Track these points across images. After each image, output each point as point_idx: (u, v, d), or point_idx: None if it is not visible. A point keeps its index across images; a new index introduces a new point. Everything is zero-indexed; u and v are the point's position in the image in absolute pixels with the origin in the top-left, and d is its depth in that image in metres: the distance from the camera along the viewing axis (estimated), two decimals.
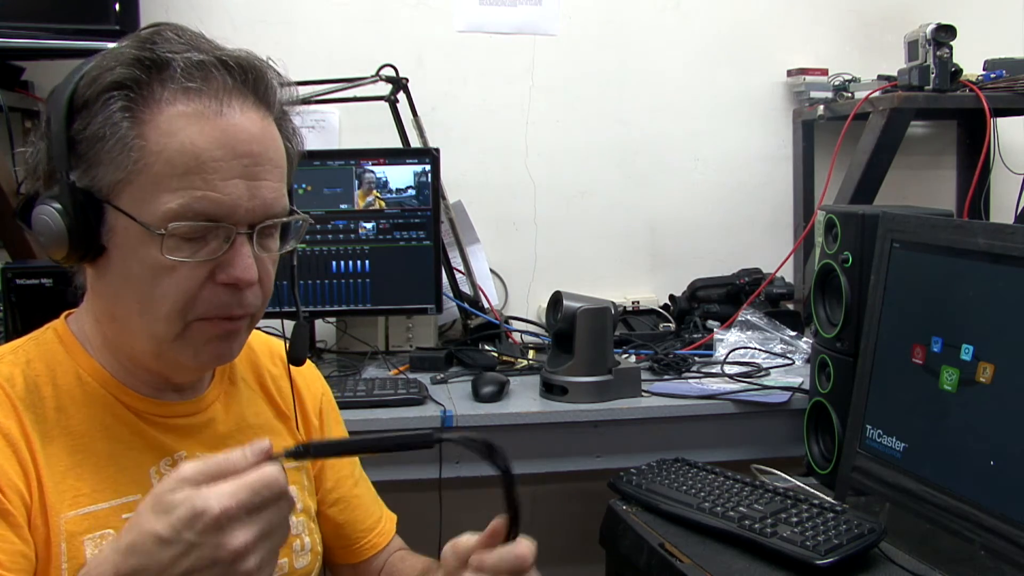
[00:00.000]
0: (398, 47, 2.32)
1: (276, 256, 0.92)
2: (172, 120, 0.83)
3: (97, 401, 0.91)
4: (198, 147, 0.83)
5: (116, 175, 0.84)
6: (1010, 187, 2.47)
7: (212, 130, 0.83)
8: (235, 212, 0.84)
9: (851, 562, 1.22)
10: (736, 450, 1.85)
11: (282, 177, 0.90)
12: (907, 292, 1.41)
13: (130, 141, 0.83)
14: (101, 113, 0.83)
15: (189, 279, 0.84)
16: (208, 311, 0.86)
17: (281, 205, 0.89)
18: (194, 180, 0.82)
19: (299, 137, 0.97)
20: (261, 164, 0.86)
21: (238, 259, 0.85)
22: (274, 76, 0.91)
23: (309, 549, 1.03)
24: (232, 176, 0.84)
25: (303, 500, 1.05)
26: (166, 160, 0.82)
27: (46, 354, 0.92)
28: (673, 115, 2.50)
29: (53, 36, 1.84)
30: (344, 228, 2.08)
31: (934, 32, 2.12)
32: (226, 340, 0.89)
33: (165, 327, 0.86)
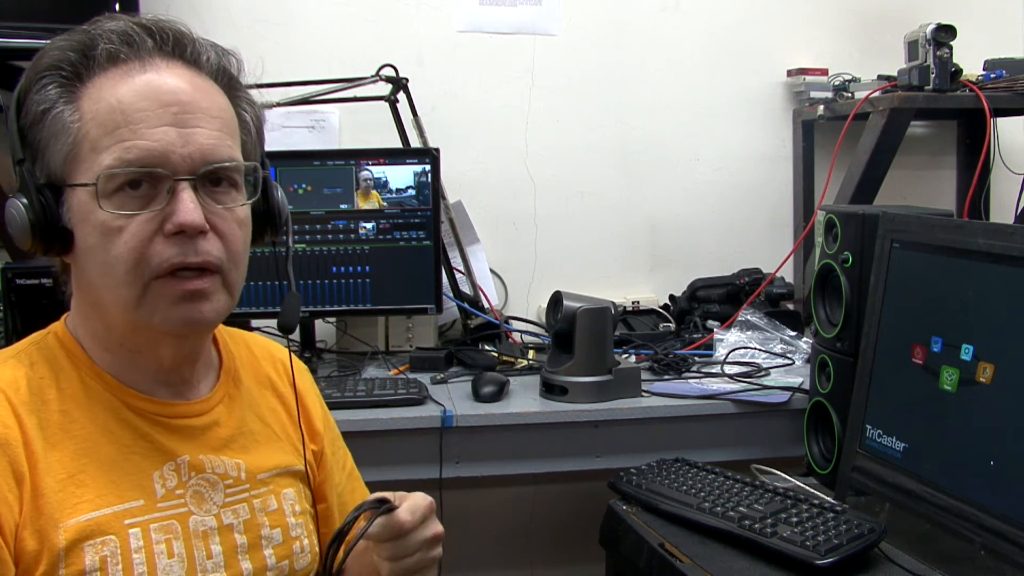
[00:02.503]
0: (398, 47, 2.32)
1: (239, 213, 0.92)
2: (101, 88, 0.87)
3: (101, 404, 0.91)
4: (123, 102, 0.85)
5: (62, 152, 0.87)
6: (1010, 187, 2.47)
7: (136, 84, 0.86)
8: (168, 159, 0.86)
9: (851, 562, 1.22)
10: (736, 450, 1.85)
11: (225, 129, 0.91)
12: (907, 292, 1.41)
13: (68, 117, 0.86)
14: (38, 95, 0.87)
15: (137, 235, 0.85)
16: (161, 265, 0.86)
17: (225, 153, 0.89)
18: (123, 132, 0.85)
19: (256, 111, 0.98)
20: (192, 112, 0.87)
21: (180, 205, 0.86)
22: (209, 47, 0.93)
23: (308, 551, 1.03)
24: (160, 124, 0.86)
25: (301, 504, 1.04)
26: (99, 123, 0.85)
27: (49, 358, 0.92)
28: (673, 115, 2.50)
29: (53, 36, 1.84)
30: (344, 228, 2.07)
31: (934, 32, 2.12)
32: (192, 301, 0.88)
33: (125, 291, 0.87)
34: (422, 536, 0.94)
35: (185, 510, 0.91)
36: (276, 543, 0.99)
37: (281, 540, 1.00)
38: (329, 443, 1.15)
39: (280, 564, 0.99)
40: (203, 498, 0.93)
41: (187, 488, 0.93)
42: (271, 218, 1.01)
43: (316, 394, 1.17)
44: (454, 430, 1.74)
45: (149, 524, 0.88)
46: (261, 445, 1.03)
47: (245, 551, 0.95)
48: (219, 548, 0.93)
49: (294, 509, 1.02)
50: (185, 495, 0.92)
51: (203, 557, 0.91)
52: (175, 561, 0.89)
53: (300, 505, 1.04)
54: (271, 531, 0.99)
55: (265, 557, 0.97)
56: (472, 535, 2.39)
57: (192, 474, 0.93)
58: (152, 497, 0.90)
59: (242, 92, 0.96)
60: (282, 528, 1.00)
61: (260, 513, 0.99)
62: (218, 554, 0.93)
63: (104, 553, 0.85)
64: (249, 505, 0.98)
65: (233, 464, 0.98)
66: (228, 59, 0.95)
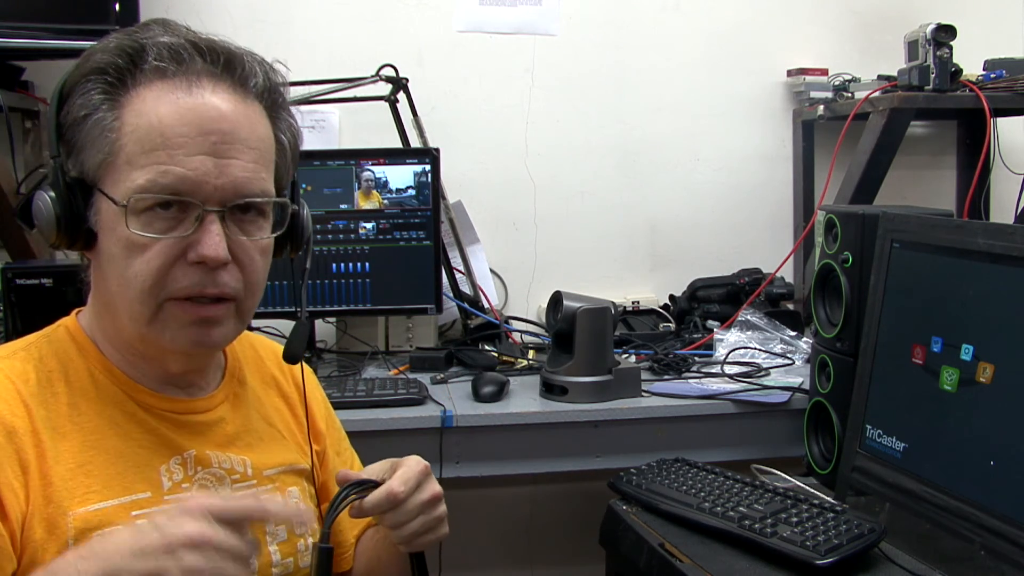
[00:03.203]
0: (398, 47, 2.32)
1: (263, 243, 0.92)
2: (145, 101, 0.86)
3: (109, 398, 0.92)
4: (164, 124, 0.85)
5: (98, 157, 0.87)
6: (1010, 187, 2.47)
7: (179, 107, 0.86)
8: (201, 188, 0.86)
9: (851, 562, 1.22)
10: (736, 450, 1.85)
11: (261, 160, 0.91)
12: (907, 292, 1.41)
13: (108, 123, 0.86)
14: (81, 98, 0.87)
15: (159, 257, 0.86)
16: (178, 291, 0.87)
17: (258, 187, 0.90)
18: (160, 155, 0.85)
19: (294, 133, 0.98)
20: (231, 143, 0.87)
21: (206, 237, 0.86)
22: (257, 65, 0.92)
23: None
24: (198, 152, 0.86)
25: (306, 502, 1.05)
26: (137, 139, 0.85)
27: (59, 351, 0.93)
28: (673, 115, 2.50)
29: (53, 36, 1.84)
30: (344, 228, 2.07)
31: (934, 32, 2.12)
32: (203, 326, 0.89)
33: (139, 307, 0.87)
34: (419, 500, 0.94)
35: None
36: (281, 540, 1.00)
37: (286, 537, 1.00)
38: (333, 443, 1.16)
39: (285, 561, 0.99)
40: (209, 492, 0.94)
41: (193, 482, 0.94)
42: (294, 238, 1.01)
43: (321, 395, 1.18)
44: (454, 430, 1.74)
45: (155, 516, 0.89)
46: (266, 443, 1.03)
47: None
48: None
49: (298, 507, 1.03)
50: (191, 488, 0.93)
51: None
52: None
53: (305, 503, 1.05)
54: (276, 528, 1.00)
55: (270, 554, 0.98)
56: (472, 535, 2.39)
57: (199, 468, 0.95)
58: (159, 489, 0.91)
59: (284, 111, 0.96)
60: (287, 526, 1.01)
61: None
62: None
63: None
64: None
65: (240, 460, 0.99)
66: (275, 78, 0.94)
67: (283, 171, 0.97)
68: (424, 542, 0.97)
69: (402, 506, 0.93)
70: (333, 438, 1.17)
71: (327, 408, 1.18)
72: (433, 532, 0.97)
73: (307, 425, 1.09)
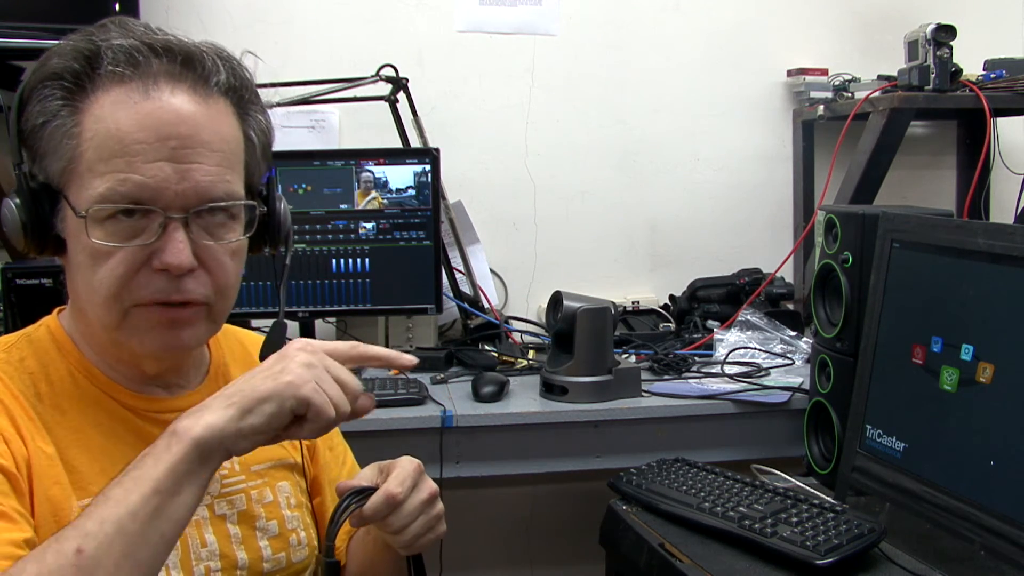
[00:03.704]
0: (398, 47, 2.32)
1: (233, 246, 0.91)
2: (103, 106, 0.85)
3: (90, 398, 0.92)
4: (122, 130, 0.84)
5: (60, 164, 0.86)
6: (1010, 187, 2.47)
7: (137, 113, 0.84)
8: (162, 195, 0.84)
9: (851, 562, 1.22)
10: (736, 450, 1.85)
11: (225, 162, 0.89)
12: (907, 292, 1.41)
13: (68, 129, 0.85)
14: (40, 104, 0.86)
15: (123, 264, 0.85)
16: (143, 297, 0.86)
17: (222, 190, 0.88)
18: (118, 163, 0.84)
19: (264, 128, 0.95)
20: (191, 146, 0.85)
21: (169, 245, 0.85)
22: (220, 62, 0.90)
23: (306, 544, 1.03)
24: (157, 158, 0.84)
25: (296, 497, 1.05)
26: (96, 146, 0.84)
27: (39, 351, 0.93)
28: (673, 115, 2.50)
29: (53, 36, 1.84)
30: (344, 228, 2.07)
31: (934, 32, 2.12)
32: (171, 328, 0.88)
33: (105, 313, 0.87)
34: (417, 500, 0.93)
35: None
36: (272, 535, 1.00)
37: (277, 532, 1.00)
38: (326, 439, 1.15)
39: (277, 556, 0.99)
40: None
41: None
42: (271, 232, 1.00)
43: None
44: (454, 430, 1.74)
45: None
46: None
47: (240, 541, 0.96)
48: (213, 538, 0.94)
49: (289, 502, 1.03)
50: None
51: (197, 546, 0.92)
52: None
53: (296, 498, 1.05)
54: (267, 523, 0.99)
55: (260, 548, 0.98)
56: (472, 535, 2.39)
57: None
58: None
59: (253, 107, 0.94)
60: (278, 520, 1.01)
61: (257, 504, 0.99)
62: (212, 543, 0.94)
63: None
64: (246, 496, 0.99)
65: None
66: (241, 73, 0.92)
67: (254, 169, 0.95)
68: (424, 543, 0.96)
69: (402, 508, 0.92)
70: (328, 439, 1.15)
71: None
72: (433, 532, 0.96)
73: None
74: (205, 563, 0.93)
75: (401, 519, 0.92)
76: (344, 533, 1.12)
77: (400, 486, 0.92)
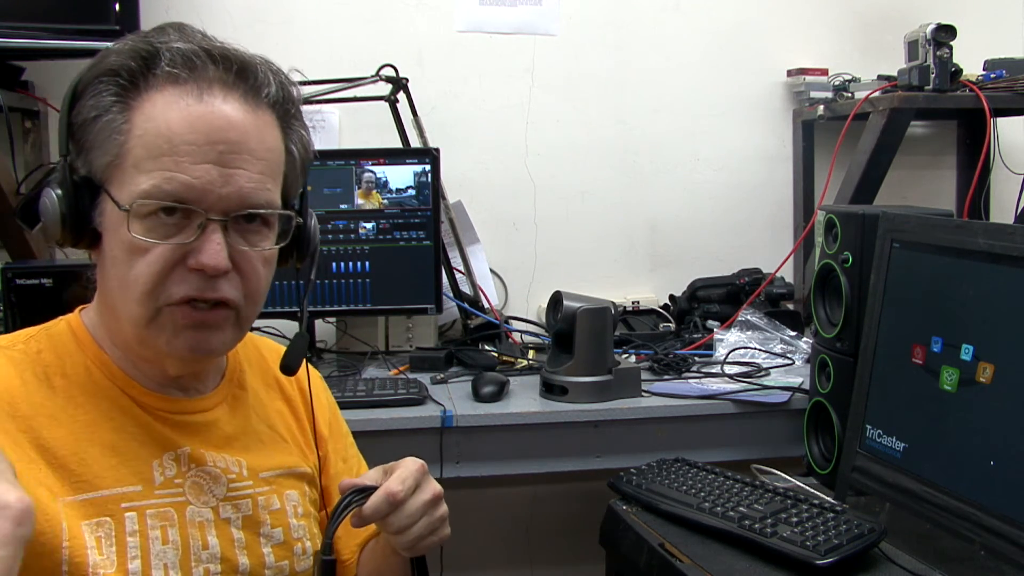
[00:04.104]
0: (398, 47, 2.32)
1: (266, 254, 0.92)
2: (155, 105, 0.86)
3: (104, 393, 0.92)
4: (173, 130, 0.85)
5: (106, 159, 0.87)
6: (1010, 187, 2.47)
7: (188, 114, 0.86)
8: (206, 197, 0.86)
9: (851, 562, 1.22)
10: (736, 450, 1.85)
11: (268, 171, 0.90)
12: (907, 292, 1.41)
13: (118, 125, 0.86)
14: (93, 98, 0.87)
15: (159, 261, 0.86)
16: (176, 295, 0.87)
17: (263, 198, 0.89)
18: (166, 162, 0.85)
19: (305, 143, 0.97)
20: (238, 152, 0.87)
21: (207, 245, 0.86)
22: (271, 75, 0.92)
23: (310, 553, 1.03)
24: (204, 160, 0.86)
25: (305, 506, 1.04)
26: (144, 143, 0.86)
27: (57, 345, 0.94)
28: (673, 115, 2.51)
29: (53, 36, 1.84)
30: (344, 228, 2.07)
31: (934, 32, 2.12)
32: (200, 331, 0.89)
33: (138, 310, 0.88)
34: (420, 500, 0.93)
35: (183, 500, 0.92)
36: (276, 542, 0.99)
37: (282, 540, 1.00)
38: (340, 450, 1.15)
39: (280, 564, 0.99)
40: (202, 490, 0.94)
41: (186, 479, 0.94)
42: (300, 245, 1.01)
43: (327, 399, 1.18)
44: (454, 430, 1.74)
45: (145, 510, 0.89)
46: (265, 446, 1.03)
47: (243, 546, 0.96)
48: (215, 540, 0.94)
49: (296, 511, 1.02)
50: (184, 485, 0.93)
51: (198, 547, 0.92)
52: (169, 548, 0.90)
53: (304, 508, 1.04)
54: (272, 530, 0.99)
55: (264, 555, 0.98)
56: (472, 535, 2.39)
57: (192, 466, 0.95)
58: (150, 484, 0.91)
59: (296, 122, 0.96)
60: (284, 528, 1.00)
61: (263, 511, 0.99)
62: (214, 546, 0.93)
63: (99, 533, 0.86)
64: (253, 502, 0.99)
65: (235, 461, 0.98)
66: (289, 88, 0.94)
67: (292, 181, 0.97)
68: (427, 545, 0.96)
69: (404, 508, 0.92)
70: (339, 444, 1.15)
71: (332, 413, 1.17)
72: (436, 534, 0.96)
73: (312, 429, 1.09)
74: (205, 565, 0.92)
75: (403, 519, 0.92)
76: (356, 544, 1.13)
77: (401, 484, 0.92)
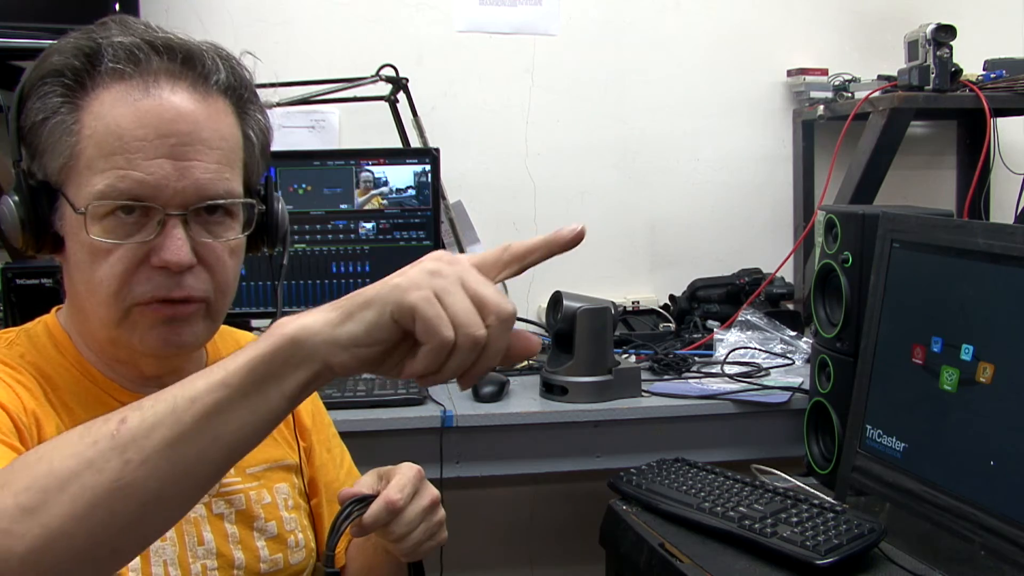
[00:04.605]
0: (398, 47, 2.32)
1: (232, 244, 0.91)
2: (103, 103, 0.85)
3: (88, 394, 0.92)
4: (122, 127, 0.84)
5: (59, 161, 0.86)
6: (1010, 187, 2.47)
7: (136, 110, 0.84)
8: (161, 192, 0.84)
9: (851, 562, 1.22)
10: (736, 450, 1.85)
11: (224, 160, 0.89)
12: (907, 292, 1.41)
13: (68, 126, 0.85)
14: (40, 101, 0.86)
15: (122, 261, 0.85)
16: (143, 294, 0.86)
17: (221, 188, 0.88)
18: (118, 160, 0.84)
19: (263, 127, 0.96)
20: (190, 144, 0.85)
21: (168, 242, 0.85)
22: (220, 60, 0.90)
23: (303, 545, 1.03)
24: (156, 155, 0.84)
25: (295, 498, 1.05)
26: (95, 143, 0.84)
27: (37, 347, 0.93)
28: (673, 115, 2.50)
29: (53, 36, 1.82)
30: (344, 228, 2.07)
31: (934, 32, 2.12)
32: (171, 325, 0.88)
33: (106, 311, 0.87)
34: (419, 507, 0.93)
35: None
36: (270, 536, 0.99)
37: (276, 533, 1.00)
38: (324, 440, 1.15)
39: (274, 557, 0.99)
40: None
41: None
42: (269, 232, 0.99)
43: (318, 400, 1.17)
44: (454, 430, 1.74)
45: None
46: None
47: (237, 541, 0.96)
48: (210, 536, 0.94)
49: (287, 503, 1.03)
50: None
51: (194, 543, 0.92)
52: (167, 544, 0.90)
53: (294, 500, 1.04)
54: (265, 523, 0.99)
55: (258, 549, 0.98)
56: (472, 535, 2.38)
57: None
58: None
59: (252, 106, 0.94)
60: (277, 521, 1.01)
61: (256, 505, 0.99)
62: (209, 541, 0.94)
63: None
64: (245, 496, 0.99)
65: None
66: (241, 72, 0.93)
67: (252, 168, 0.95)
68: (425, 550, 0.95)
69: (403, 516, 0.91)
70: (323, 435, 1.15)
71: (314, 403, 1.16)
72: (434, 539, 0.95)
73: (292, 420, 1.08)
74: (202, 561, 0.93)
75: (402, 526, 0.91)
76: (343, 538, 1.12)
77: (400, 492, 0.91)
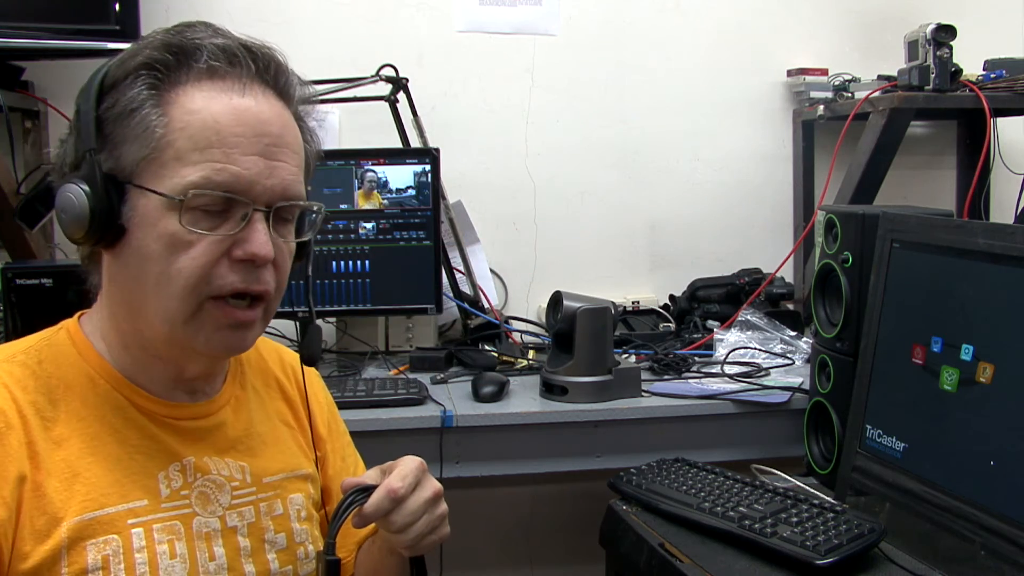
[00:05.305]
0: (398, 47, 2.32)
1: (292, 246, 0.95)
2: (196, 99, 0.87)
3: (108, 403, 0.91)
4: (220, 123, 0.86)
5: (140, 152, 0.86)
6: (1010, 187, 2.47)
7: (234, 108, 0.87)
8: (253, 188, 0.87)
9: (851, 562, 1.22)
10: (736, 450, 1.85)
11: (300, 165, 0.94)
12: (907, 292, 1.41)
13: (155, 119, 0.86)
14: (128, 92, 0.87)
15: (205, 254, 0.86)
16: (222, 287, 0.87)
17: (299, 190, 0.92)
18: (215, 153, 0.86)
19: (317, 140, 1.01)
20: (279, 146, 0.90)
21: (254, 235, 0.87)
22: (295, 77, 0.95)
23: (313, 558, 1.03)
24: (252, 152, 0.87)
25: (308, 509, 1.04)
26: (189, 136, 0.86)
27: (58, 355, 0.92)
28: (673, 115, 2.51)
29: (53, 36, 1.84)
30: (344, 228, 2.07)
31: (934, 32, 2.12)
32: (238, 330, 0.90)
33: (178, 305, 0.87)
34: (421, 498, 0.93)
35: (189, 511, 0.92)
36: (280, 548, 0.99)
37: (285, 545, 1.00)
38: (339, 449, 1.15)
39: (284, 569, 0.99)
40: (208, 499, 0.94)
41: (192, 489, 0.93)
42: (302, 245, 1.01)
43: (325, 399, 1.18)
44: (454, 430, 1.74)
45: (152, 524, 0.88)
46: (268, 447, 1.03)
47: (248, 554, 0.96)
48: (222, 550, 0.93)
49: (299, 515, 1.02)
50: (191, 496, 0.92)
51: (205, 559, 0.91)
52: (177, 562, 0.89)
53: (308, 511, 1.04)
54: (275, 535, 0.99)
55: (268, 561, 0.97)
56: (472, 535, 2.39)
57: (198, 475, 0.94)
58: (156, 497, 0.90)
59: (309, 122, 0.99)
60: (287, 533, 1.00)
61: (265, 517, 0.99)
62: (220, 556, 0.93)
63: (107, 552, 0.85)
64: (255, 508, 0.98)
65: (238, 467, 0.98)
66: (306, 95, 0.97)
67: (307, 178, 0.99)
68: (428, 544, 0.96)
69: (405, 506, 0.91)
70: (338, 444, 1.15)
71: (331, 412, 1.17)
72: (436, 532, 0.96)
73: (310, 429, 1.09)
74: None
75: (403, 517, 0.92)
76: (353, 543, 1.12)
77: (401, 481, 0.92)
